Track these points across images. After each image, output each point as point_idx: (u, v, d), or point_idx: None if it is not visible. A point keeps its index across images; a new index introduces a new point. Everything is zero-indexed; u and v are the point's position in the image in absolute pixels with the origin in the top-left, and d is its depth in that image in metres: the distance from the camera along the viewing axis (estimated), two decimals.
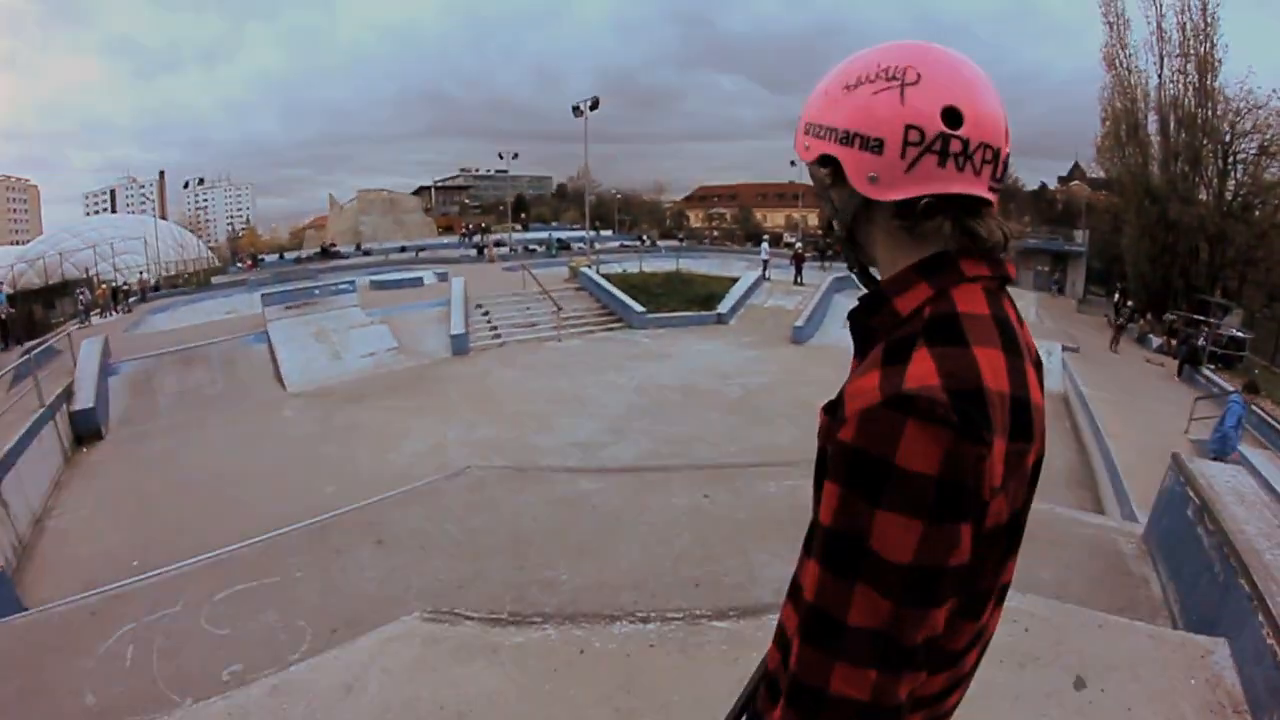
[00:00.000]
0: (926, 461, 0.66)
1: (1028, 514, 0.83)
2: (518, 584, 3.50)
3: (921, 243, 0.79)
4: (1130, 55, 27.01)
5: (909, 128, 0.74)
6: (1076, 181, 58.86)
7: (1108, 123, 28.64)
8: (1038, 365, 0.83)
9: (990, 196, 0.78)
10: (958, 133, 0.74)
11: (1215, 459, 8.74)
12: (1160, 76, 26.32)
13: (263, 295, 16.99)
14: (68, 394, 11.28)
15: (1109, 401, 11.93)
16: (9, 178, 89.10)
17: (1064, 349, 15.82)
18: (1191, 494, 4.10)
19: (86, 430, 10.93)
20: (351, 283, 18.10)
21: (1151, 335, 22.34)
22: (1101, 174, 35.06)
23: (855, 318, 0.85)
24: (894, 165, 0.76)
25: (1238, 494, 4.06)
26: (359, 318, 16.32)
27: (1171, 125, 26.29)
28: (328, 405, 12.18)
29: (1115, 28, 27.20)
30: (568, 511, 4.51)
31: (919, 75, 0.75)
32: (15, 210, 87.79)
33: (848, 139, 0.78)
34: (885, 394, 0.69)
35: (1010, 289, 0.85)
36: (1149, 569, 4.40)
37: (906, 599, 0.69)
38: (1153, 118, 26.92)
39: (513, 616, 2.76)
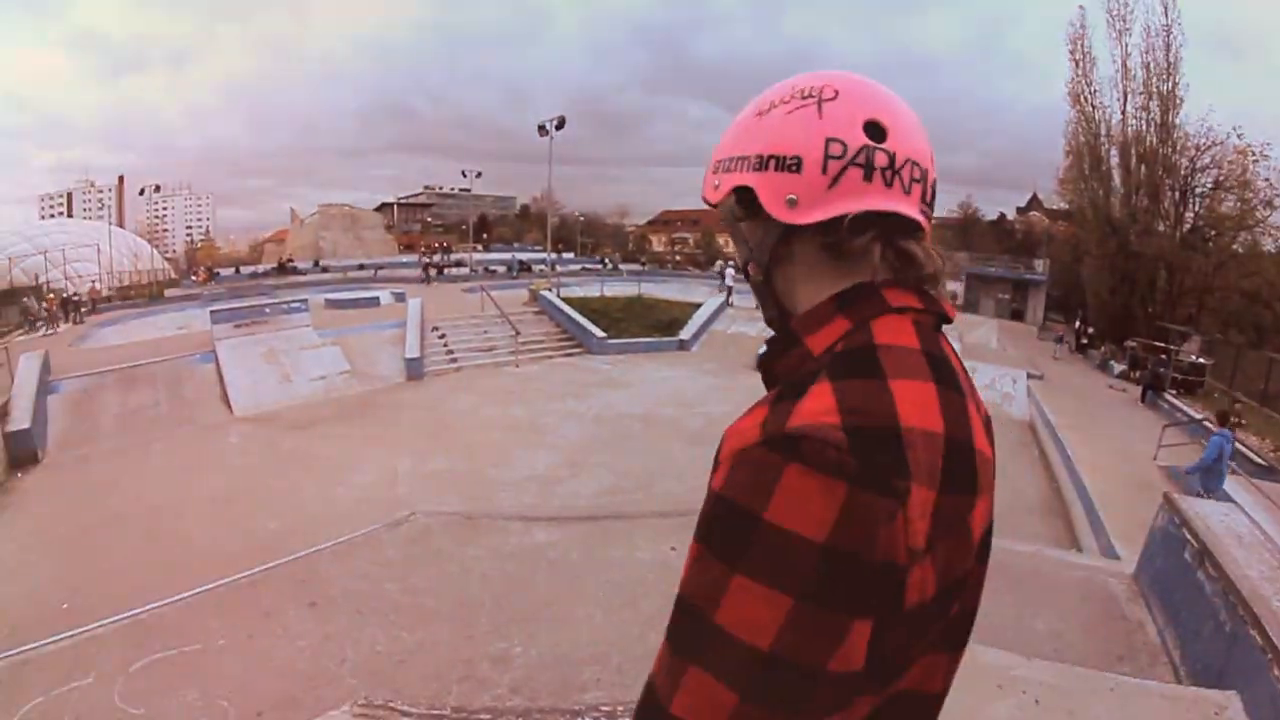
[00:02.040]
0: (808, 520, 0.51)
1: (976, 600, 0.67)
2: (465, 658, 3.10)
3: (847, 274, 0.67)
4: (1095, 92, 27.98)
5: (829, 140, 0.65)
6: (1035, 212, 60.98)
7: (1071, 156, 29.55)
8: (987, 424, 0.71)
9: (923, 221, 0.68)
10: (883, 145, 0.65)
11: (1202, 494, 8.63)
12: (1124, 113, 27.37)
13: (211, 312, 16.23)
14: (2, 413, 10.58)
15: (1075, 428, 11.99)
16: None
17: (1029, 376, 15.98)
18: (1188, 536, 3.98)
19: (22, 453, 10.20)
20: (304, 301, 17.41)
21: (1113, 361, 22.80)
22: (1062, 205, 36.24)
23: (763, 363, 0.73)
24: (814, 183, 0.65)
25: (1235, 535, 3.94)
26: (311, 338, 15.64)
27: (1133, 160, 27.22)
28: (275, 431, 11.60)
29: (1081, 65, 28.26)
30: (521, 568, 4.15)
31: (836, 92, 0.67)
32: None
33: (762, 163, 0.68)
34: (766, 433, 0.56)
35: (971, 315, 0.61)
36: (1143, 612, 4.25)
37: (756, 696, 0.52)
38: (1114, 152, 27.80)
39: (456, 713, 2.41)
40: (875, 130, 0.65)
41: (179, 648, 3.19)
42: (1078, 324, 28.21)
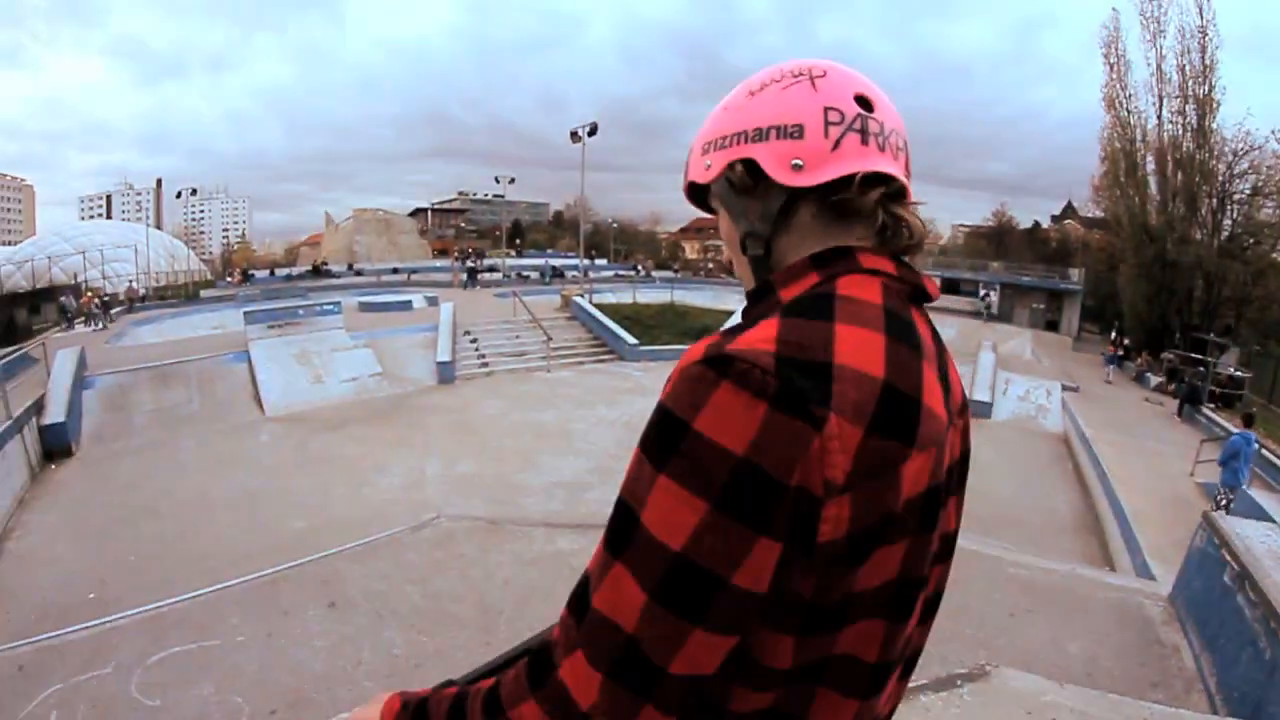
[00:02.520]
0: (729, 433, 0.55)
1: (922, 569, 0.66)
2: None
3: (838, 239, 0.71)
4: (1130, 96, 27.32)
5: (828, 109, 0.70)
6: (1070, 220, 59.71)
7: (1106, 162, 28.86)
8: (961, 406, 0.75)
9: (908, 188, 0.73)
10: (873, 115, 0.71)
11: (1227, 492, 8.47)
12: (1159, 117, 26.62)
13: (245, 313, 16.53)
14: (38, 407, 10.87)
15: (1110, 442, 11.67)
16: (5, 176, 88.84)
17: (1064, 388, 15.62)
18: (1228, 557, 3.82)
19: (56, 446, 10.48)
20: (337, 304, 17.66)
21: (1149, 374, 22.20)
22: (1097, 213, 35.40)
23: (744, 313, 0.74)
24: (818, 147, 0.69)
25: (1277, 557, 3.77)
26: (343, 340, 15.83)
27: (1169, 166, 26.50)
28: (305, 431, 11.75)
29: (1116, 69, 27.58)
30: (543, 575, 4.09)
31: (825, 71, 0.72)
32: (10, 210, 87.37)
33: (761, 134, 0.71)
34: (707, 353, 0.60)
35: (1005, 325, 0.59)
36: (1179, 636, 4.09)
37: (662, 597, 0.56)
38: (1150, 158, 27.13)
39: None
40: (865, 103, 0.71)
41: (198, 642, 3.21)
42: (1114, 335, 27.55)
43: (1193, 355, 21.31)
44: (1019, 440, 13.04)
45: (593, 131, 27.00)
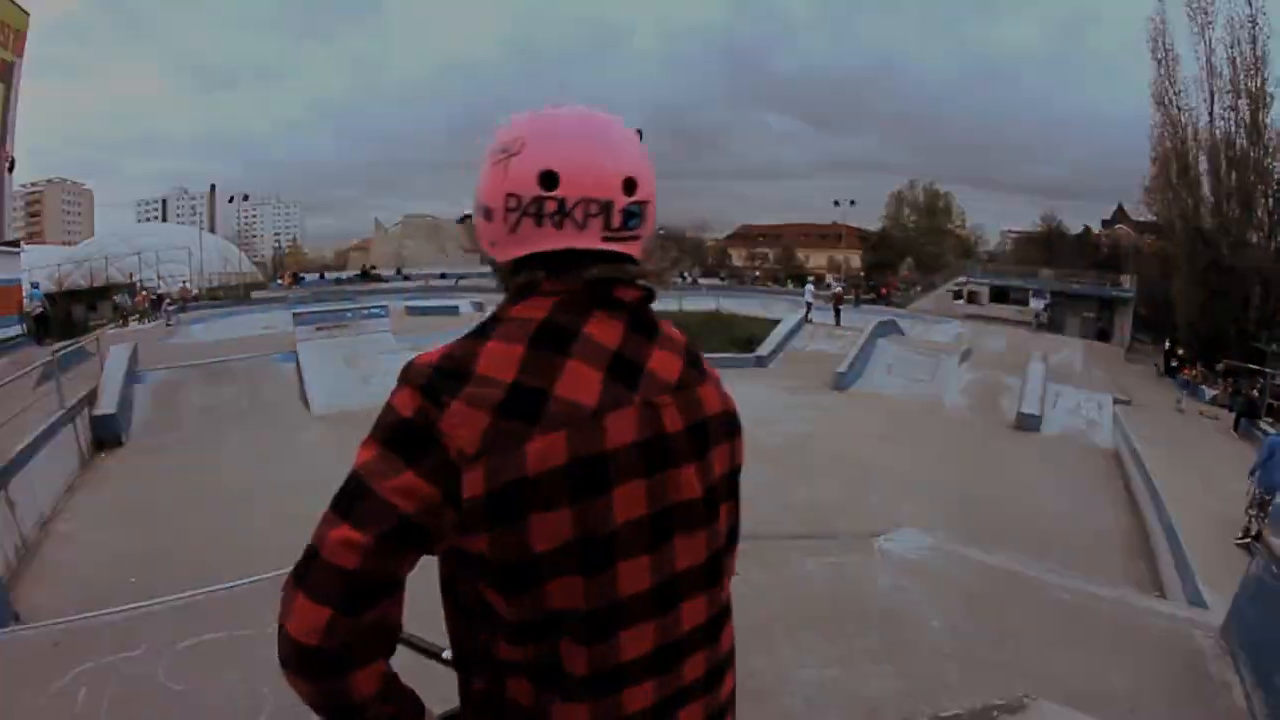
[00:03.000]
0: (402, 406, 0.82)
1: (680, 532, 0.87)
2: None
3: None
4: (1180, 92, 26.24)
5: (508, 195, 0.84)
6: (1121, 225, 57.50)
7: (1157, 163, 27.76)
8: (682, 386, 0.90)
9: (605, 245, 0.85)
10: (553, 194, 0.82)
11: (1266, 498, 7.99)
12: (1211, 114, 25.52)
13: (294, 314, 16.99)
14: (91, 398, 11.33)
15: (1161, 459, 11.15)
16: (65, 181, 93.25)
17: (1115, 401, 15.04)
18: None
19: (107, 436, 10.93)
20: (384, 307, 18.02)
21: (1204, 386, 21.25)
22: (1149, 217, 34.04)
23: None
24: (500, 230, 0.86)
25: None
26: (390, 343, 16.07)
27: (1222, 165, 25.35)
28: (350, 429, 11.70)
29: (1164, 63, 26.51)
30: None
31: (523, 145, 0.84)
32: (70, 213, 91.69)
33: (475, 210, 0.90)
34: (408, 362, 0.85)
35: (1056, 335, 0.62)
36: (1230, 672, 3.84)
37: (338, 506, 0.81)
38: (1203, 158, 26.00)
39: None
40: (548, 180, 0.82)
41: (229, 631, 3.26)
42: (1167, 344, 26.45)
43: (1249, 366, 20.33)
44: (1068, 456, 12.61)
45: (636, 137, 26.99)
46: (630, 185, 0.86)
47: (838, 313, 23.87)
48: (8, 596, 5.98)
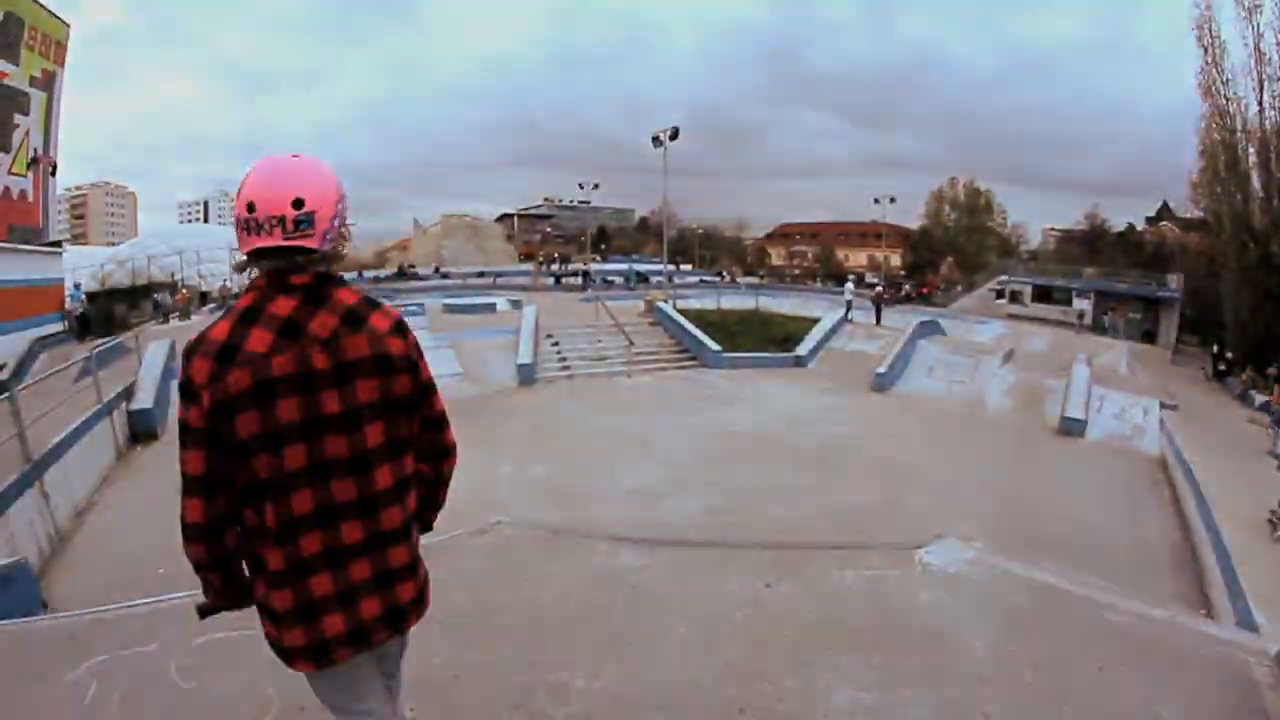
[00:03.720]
0: (183, 370, 1.38)
1: (329, 431, 1.40)
2: (522, 684, 2.84)
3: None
4: (1228, 81, 25.10)
5: (236, 219, 1.41)
6: (1165, 222, 55.47)
7: (1205, 156, 26.61)
8: (334, 339, 1.41)
9: (285, 243, 1.37)
10: (252, 215, 1.36)
11: None
12: (1260, 103, 24.35)
13: None
14: (128, 393, 11.57)
15: (1209, 468, 10.63)
16: (109, 184, 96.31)
17: (1162, 406, 14.43)
18: None
19: (143, 430, 11.16)
20: (420, 305, 18.14)
21: (1254, 391, 20.34)
22: (1196, 213, 32.72)
23: None
24: (240, 240, 1.40)
25: None
26: (426, 340, 16.04)
27: (1273, 158, 24.20)
28: None
29: (1210, 51, 25.37)
30: (600, 593, 3.82)
31: (241, 186, 1.40)
32: (113, 214, 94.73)
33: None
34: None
35: (1099, 336, 1.36)
36: None
37: (180, 439, 1.39)
38: (1253, 151, 24.81)
39: None
40: (249, 206, 1.36)
41: (242, 630, 3.21)
42: (1215, 348, 25.40)
43: None
44: (1112, 462, 12.11)
45: (674, 135, 26.87)
46: (299, 203, 1.35)
47: (879, 311, 23.32)
48: (38, 584, 6.07)
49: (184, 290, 26.50)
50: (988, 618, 3.53)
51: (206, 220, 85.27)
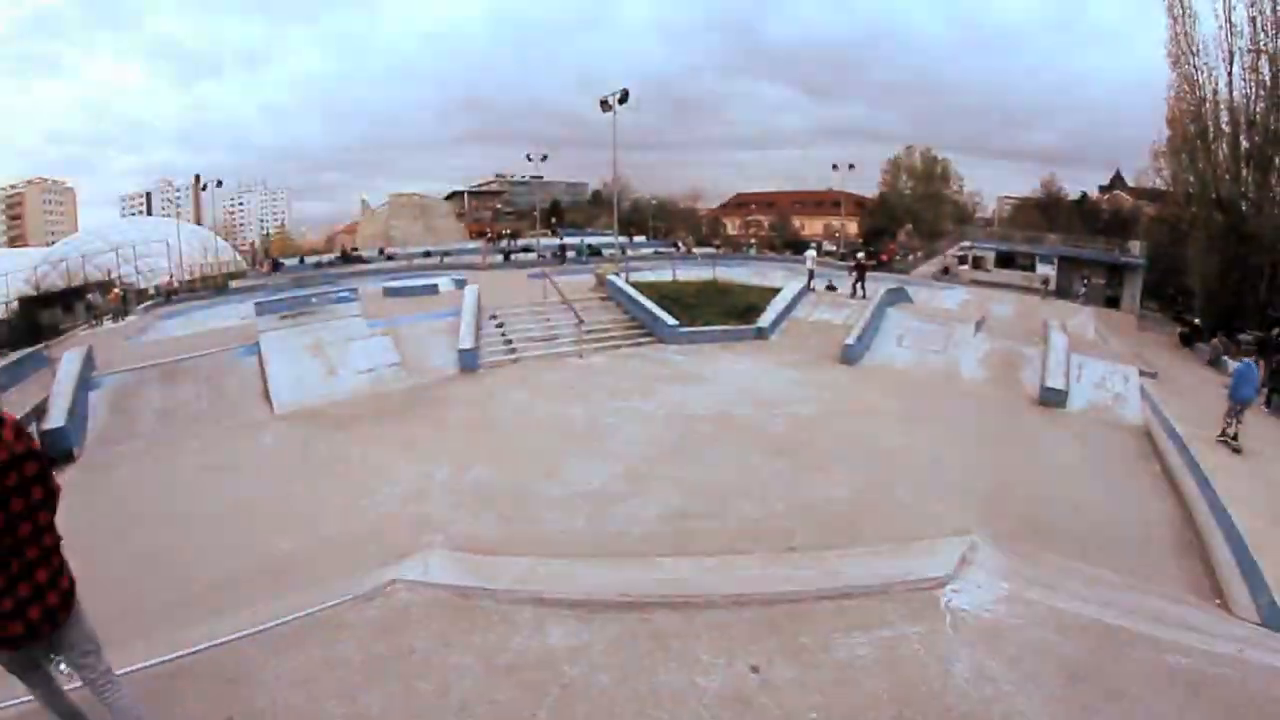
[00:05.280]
0: None
1: None
2: None
3: None
4: (1197, 52, 25.00)
5: None
6: (1118, 191, 56.54)
7: (1173, 124, 26.64)
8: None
9: None
10: None
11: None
12: (1230, 75, 24.27)
13: (256, 304, 15.87)
14: (40, 411, 10.43)
15: (1201, 440, 10.25)
16: (45, 180, 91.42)
17: (1141, 374, 14.12)
18: None
19: (57, 452, 9.99)
20: (353, 290, 16.91)
21: (1227, 357, 20.33)
22: (1158, 182, 33.02)
23: None
24: None
25: None
26: (360, 329, 15.05)
27: (1242, 128, 24.25)
28: (312, 430, 11.06)
29: (1180, 21, 25.23)
30: (521, 694, 2.93)
31: None
32: (52, 213, 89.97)
33: None
34: None
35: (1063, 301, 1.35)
36: None
37: None
38: (1225, 119, 24.88)
39: None
40: None
41: None
42: (1182, 314, 25.57)
43: (1270, 336, 19.41)
44: (1098, 434, 11.70)
45: (624, 99, 25.69)
46: None
47: (862, 281, 21.81)
48: None
49: (115, 289, 24.82)
50: (1041, 682, 2.84)
51: (150, 213, 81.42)
